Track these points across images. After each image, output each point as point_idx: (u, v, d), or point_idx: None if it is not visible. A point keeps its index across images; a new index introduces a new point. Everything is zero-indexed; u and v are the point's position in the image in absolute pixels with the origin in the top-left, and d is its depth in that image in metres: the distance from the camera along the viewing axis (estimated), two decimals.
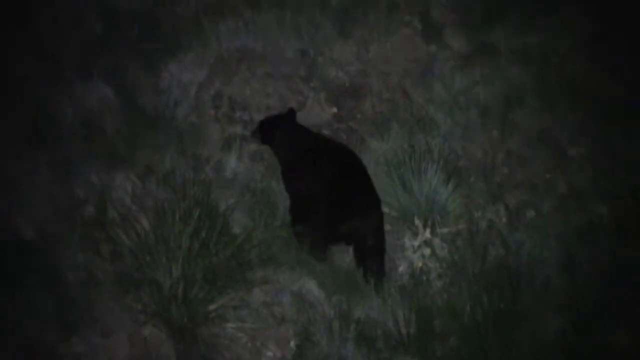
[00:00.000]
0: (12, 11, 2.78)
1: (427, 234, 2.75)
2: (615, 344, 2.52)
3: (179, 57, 2.97)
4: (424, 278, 2.67)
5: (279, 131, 2.80)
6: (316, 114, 3.03)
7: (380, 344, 2.53)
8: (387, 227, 2.80)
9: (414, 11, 3.11)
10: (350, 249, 2.70)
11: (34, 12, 2.89)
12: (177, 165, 2.77)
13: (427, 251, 2.72)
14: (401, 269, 2.76)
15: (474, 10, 3.11)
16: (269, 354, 2.54)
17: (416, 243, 2.75)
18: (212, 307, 2.46)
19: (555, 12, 3.12)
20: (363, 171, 2.73)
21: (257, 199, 2.78)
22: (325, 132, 3.05)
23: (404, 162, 2.86)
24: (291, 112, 2.87)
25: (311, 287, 2.65)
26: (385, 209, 2.78)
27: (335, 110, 3.05)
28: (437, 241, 2.76)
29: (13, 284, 2.35)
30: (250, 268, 2.56)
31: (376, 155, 2.93)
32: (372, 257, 2.64)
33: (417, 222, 2.77)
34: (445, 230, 2.77)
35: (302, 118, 2.99)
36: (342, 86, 3.07)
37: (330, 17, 3.08)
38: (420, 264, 2.71)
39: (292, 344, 2.55)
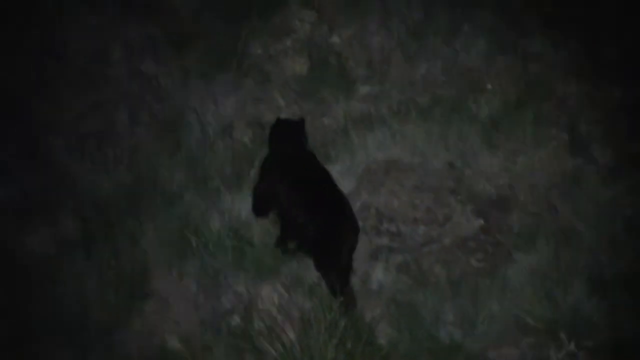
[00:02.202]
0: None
1: (572, 346, 3.34)
2: None
3: (327, 168, 3.72)
4: None
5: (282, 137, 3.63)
6: (463, 226, 3.79)
7: None
8: (531, 339, 3.56)
9: (561, 124, 3.87)
10: None
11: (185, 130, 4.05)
12: None
13: None
14: None
15: (620, 123, 3.85)
16: None
17: (561, 355, 3.34)
18: None
19: None
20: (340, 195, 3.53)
21: (402, 310, 3.47)
22: (471, 244, 4.10)
23: (549, 274, 3.55)
24: (301, 122, 3.68)
25: None
26: (529, 320, 3.53)
27: (481, 222, 3.78)
28: (582, 354, 3.34)
29: None
30: None
31: (521, 267, 3.67)
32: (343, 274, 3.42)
33: (562, 335, 3.38)
34: (590, 343, 3.36)
35: (449, 230, 4.16)
36: (489, 198, 3.82)
37: (478, 130, 3.83)
38: None
39: None
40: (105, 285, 3.45)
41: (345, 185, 3.72)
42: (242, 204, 3.70)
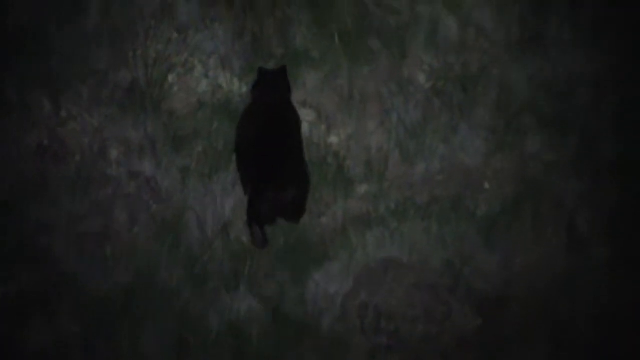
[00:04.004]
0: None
1: None
2: None
3: (325, 268, 4.65)
4: None
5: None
6: (462, 325, 4.51)
7: None
8: None
9: (559, 222, 4.67)
10: None
11: (183, 230, 4.97)
12: None
13: None
14: None
15: (619, 222, 4.62)
16: None
17: None
18: None
19: None
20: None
21: None
22: (470, 343, 4.70)
23: None
24: (282, 69, 4.53)
25: None
26: None
27: (480, 321, 4.54)
28: None
29: None
30: None
31: None
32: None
33: None
34: None
35: (448, 328, 5.27)
36: (487, 297, 4.54)
37: (476, 228, 4.59)
38: None
39: None
40: None
41: (343, 284, 4.56)
42: (240, 303, 4.55)
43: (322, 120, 4.98)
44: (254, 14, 5.06)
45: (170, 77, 5.04)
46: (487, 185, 4.90)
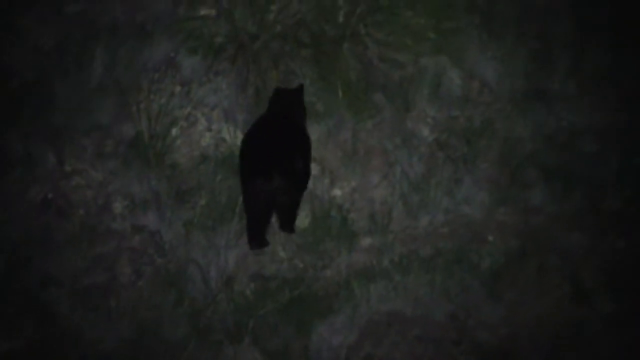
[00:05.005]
0: None
1: None
2: None
3: (329, 320, 4.96)
4: None
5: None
6: None
7: None
8: None
9: (563, 275, 5.04)
10: None
11: (187, 283, 5.49)
12: None
13: None
14: None
15: (623, 274, 5.08)
16: None
17: None
18: None
19: None
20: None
21: None
22: None
23: None
24: (300, 87, 4.93)
25: None
26: None
27: None
28: None
29: None
30: None
31: None
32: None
33: None
34: None
35: None
36: (491, 350, 4.88)
37: (480, 281, 4.98)
38: None
39: None
40: None
41: (347, 337, 4.95)
42: (245, 357, 4.97)
43: (326, 174, 5.37)
44: (257, 68, 5.43)
45: (174, 131, 5.46)
46: (490, 238, 5.28)
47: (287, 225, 5.06)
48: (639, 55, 5.37)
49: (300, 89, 5.10)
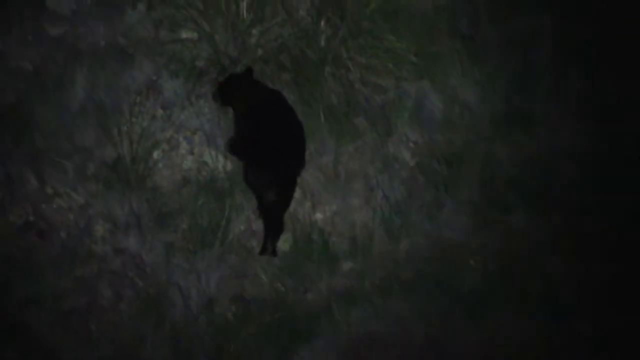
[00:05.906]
0: None
1: None
2: None
3: (311, 343, 4.98)
4: None
5: (238, 91, 4.91)
6: None
7: None
8: None
9: (544, 298, 5.15)
10: None
11: (168, 306, 5.64)
12: None
13: None
14: None
15: (603, 297, 5.23)
16: None
17: None
18: None
19: None
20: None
21: None
22: None
23: None
24: (249, 70, 5.00)
25: None
26: None
27: None
28: None
29: None
30: None
31: None
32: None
33: None
34: None
35: None
36: None
37: (461, 305, 5.06)
38: None
39: None
40: None
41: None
42: None
43: (307, 198, 5.49)
44: None
45: (155, 154, 5.54)
46: (471, 262, 5.43)
47: (271, 244, 5.22)
48: (619, 80, 5.50)
49: (249, 71, 5.21)
